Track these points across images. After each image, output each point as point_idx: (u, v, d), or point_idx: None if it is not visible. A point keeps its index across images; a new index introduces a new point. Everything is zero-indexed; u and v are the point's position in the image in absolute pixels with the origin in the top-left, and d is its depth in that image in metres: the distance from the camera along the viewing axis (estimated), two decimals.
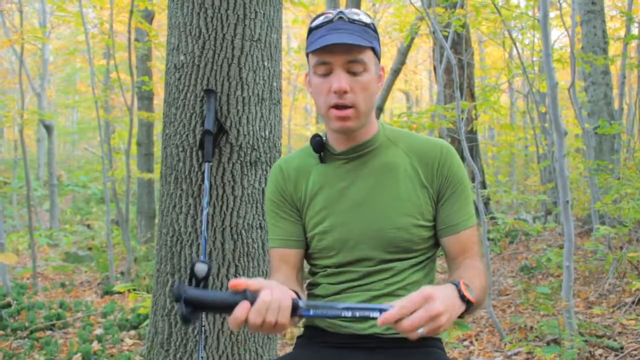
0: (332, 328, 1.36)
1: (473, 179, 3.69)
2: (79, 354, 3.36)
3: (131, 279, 5.89)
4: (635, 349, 2.92)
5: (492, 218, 6.49)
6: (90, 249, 8.33)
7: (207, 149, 2.01)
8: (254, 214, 2.13)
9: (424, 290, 1.00)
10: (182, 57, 2.13)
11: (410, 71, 19.00)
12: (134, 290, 4.42)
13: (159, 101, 10.55)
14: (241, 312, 1.02)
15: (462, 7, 4.90)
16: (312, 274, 1.44)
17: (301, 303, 1.05)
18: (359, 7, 7.44)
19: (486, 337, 3.50)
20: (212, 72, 2.09)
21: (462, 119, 3.58)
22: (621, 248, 4.74)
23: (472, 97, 7.62)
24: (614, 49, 9.51)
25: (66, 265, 7.32)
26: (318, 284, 1.41)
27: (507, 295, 4.54)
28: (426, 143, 1.36)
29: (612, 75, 6.35)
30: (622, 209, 4.36)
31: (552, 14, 8.82)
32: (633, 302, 3.69)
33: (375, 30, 1.30)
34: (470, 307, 1.11)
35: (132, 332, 3.99)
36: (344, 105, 1.25)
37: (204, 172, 2.03)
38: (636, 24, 7.97)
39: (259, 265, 2.16)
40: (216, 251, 2.08)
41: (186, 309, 1.03)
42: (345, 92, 1.24)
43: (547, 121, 7.20)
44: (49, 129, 11.47)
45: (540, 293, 3.46)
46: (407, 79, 20.20)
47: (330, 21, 1.26)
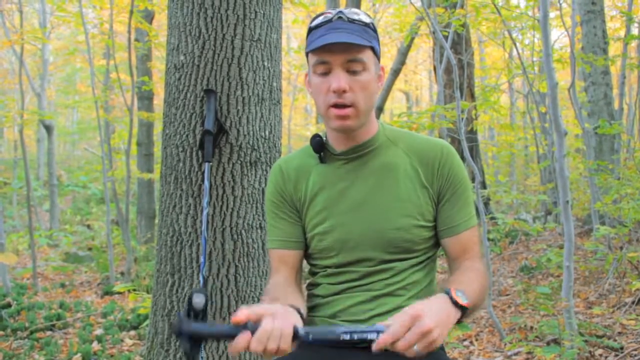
0: None
1: (473, 179, 3.69)
2: (79, 354, 3.36)
3: (131, 279, 5.89)
4: (635, 349, 2.92)
5: (492, 218, 6.49)
6: (90, 249, 8.33)
7: (207, 149, 2.01)
8: (254, 214, 2.13)
9: (412, 309, 1.03)
10: (182, 57, 2.13)
11: (410, 71, 19.00)
12: (134, 290, 4.40)
13: (159, 101, 10.55)
14: (241, 342, 1.03)
15: (462, 7, 4.89)
16: (312, 274, 1.44)
17: (301, 330, 1.06)
18: (359, 7, 7.44)
19: (486, 337, 3.50)
20: (212, 72, 2.09)
21: (462, 119, 3.57)
22: (621, 248, 4.74)
23: (472, 97, 7.62)
24: (614, 49, 9.51)
25: (66, 266, 7.31)
26: (318, 284, 1.40)
27: (507, 295, 4.53)
28: (426, 143, 1.36)
29: (612, 75, 6.34)
30: (622, 209, 4.35)
31: (552, 14, 8.82)
32: (633, 302, 3.68)
33: (374, 30, 1.30)
34: (466, 312, 1.12)
35: (132, 332, 3.98)
36: (343, 105, 1.25)
37: (204, 172, 2.03)
38: (636, 24, 7.97)
39: (259, 265, 2.16)
40: (216, 251, 2.08)
41: (188, 344, 1.04)
42: (344, 91, 1.24)
43: (547, 121, 7.20)
44: (49, 129, 11.46)
45: (540, 293, 3.45)
46: (407, 79, 20.19)
47: (330, 21, 1.26)
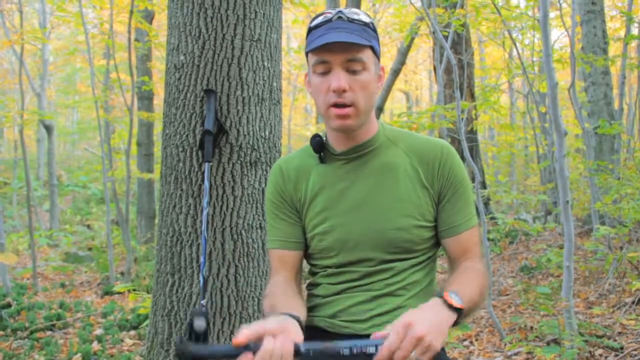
0: (333, 328, 1.36)
1: (473, 179, 3.69)
2: (79, 354, 3.36)
3: (131, 279, 5.89)
4: (635, 349, 2.92)
5: (492, 218, 6.49)
6: (90, 249, 8.33)
7: (207, 149, 2.01)
8: (254, 214, 2.13)
9: (404, 319, 1.05)
10: (182, 57, 2.13)
11: (410, 71, 18.99)
12: (134, 290, 4.40)
13: (159, 101, 10.54)
14: None
15: (462, 7, 4.90)
16: (312, 274, 1.44)
17: (302, 347, 1.08)
18: (358, 7, 7.44)
19: (486, 337, 3.50)
20: (212, 72, 2.09)
21: (462, 119, 3.57)
22: (621, 248, 4.74)
23: (472, 97, 7.62)
24: (614, 49, 9.50)
25: (66, 266, 7.31)
26: (318, 284, 1.40)
27: (507, 295, 4.53)
28: (426, 143, 1.36)
29: (612, 75, 6.34)
30: (622, 209, 4.35)
31: (552, 14, 8.81)
32: (633, 302, 3.68)
33: (374, 30, 1.30)
34: (461, 313, 1.12)
35: (132, 332, 3.98)
36: (343, 104, 1.25)
37: (204, 172, 2.03)
38: (636, 24, 7.97)
39: (259, 265, 2.16)
40: (216, 251, 2.08)
41: None
42: (344, 91, 1.23)
43: (547, 121, 7.20)
44: (49, 129, 11.46)
45: (540, 293, 3.46)
46: (407, 79, 20.19)
47: (329, 20, 1.26)
